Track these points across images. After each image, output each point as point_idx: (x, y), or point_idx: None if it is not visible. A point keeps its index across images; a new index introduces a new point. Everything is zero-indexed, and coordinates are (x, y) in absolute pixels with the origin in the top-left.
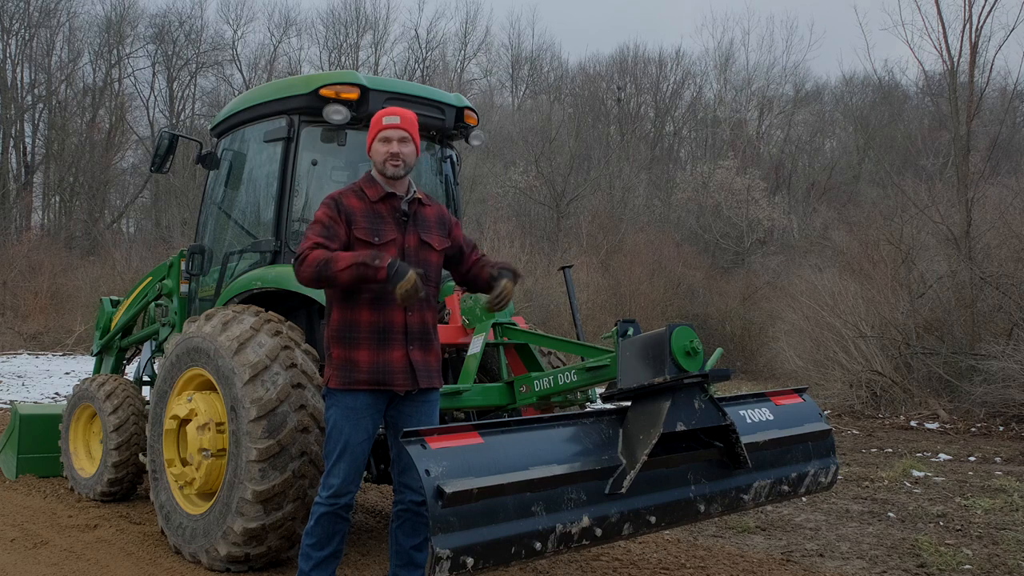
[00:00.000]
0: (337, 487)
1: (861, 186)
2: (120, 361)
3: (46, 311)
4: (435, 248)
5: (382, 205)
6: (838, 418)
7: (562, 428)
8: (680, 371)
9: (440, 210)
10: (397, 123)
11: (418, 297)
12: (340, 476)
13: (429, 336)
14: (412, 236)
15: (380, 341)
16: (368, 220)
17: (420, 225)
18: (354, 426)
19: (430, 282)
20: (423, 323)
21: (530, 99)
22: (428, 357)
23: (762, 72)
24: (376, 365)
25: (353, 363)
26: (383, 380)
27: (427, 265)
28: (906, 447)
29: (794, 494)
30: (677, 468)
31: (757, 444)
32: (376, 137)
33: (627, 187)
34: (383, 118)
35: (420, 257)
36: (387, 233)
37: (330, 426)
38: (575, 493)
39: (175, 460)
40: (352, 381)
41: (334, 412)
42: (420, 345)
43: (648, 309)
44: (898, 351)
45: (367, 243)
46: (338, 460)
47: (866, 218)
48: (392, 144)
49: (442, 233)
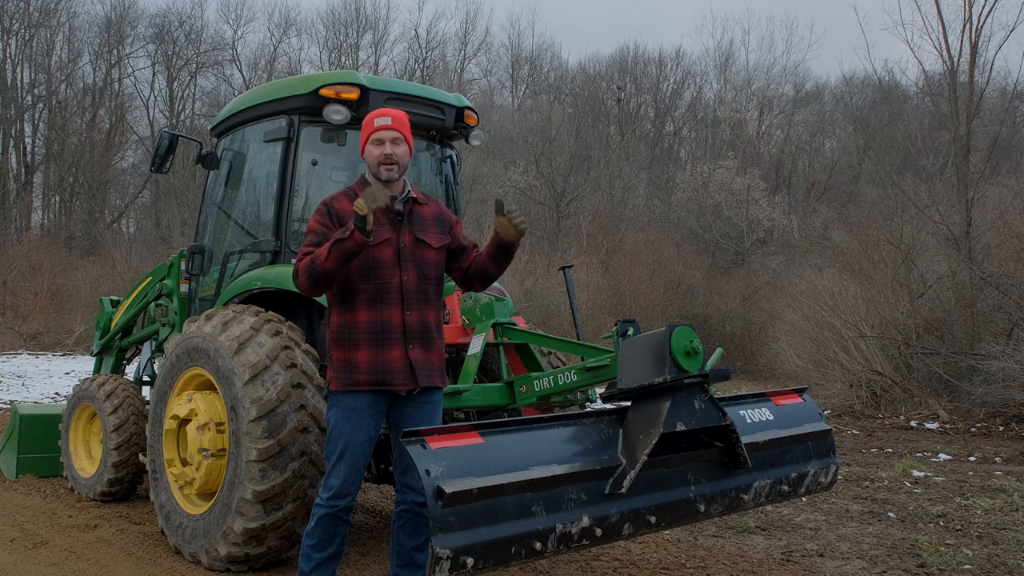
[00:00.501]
0: (337, 488)
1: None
2: (120, 361)
3: (46, 311)
4: (432, 246)
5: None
6: (838, 418)
7: (562, 428)
8: (680, 371)
9: (438, 208)
10: (389, 124)
11: (385, 198)
12: (340, 477)
13: (430, 335)
14: (407, 235)
15: (379, 341)
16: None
17: (416, 224)
18: (354, 427)
19: (429, 280)
20: (423, 322)
21: (530, 99)
22: (429, 356)
23: (762, 72)
24: (375, 365)
25: (352, 364)
26: (383, 380)
27: (425, 263)
28: (906, 447)
29: (794, 494)
30: (677, 468)
31: (757, 444)
32: (368, 139)
33: (627, 187)
34: (374, 119)
35: (417, 255)
36: (380, 233)
37: (330, 427)
38: (575, 493)
39: (175, 460)
40: (352, 382)
41: (334, 413)
42: (420, 344)
43: (648, 309)
44: (898, 351)
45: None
46: (338, 461)
47: (866, 218)
48: (385, 145)
49: (440, 231)
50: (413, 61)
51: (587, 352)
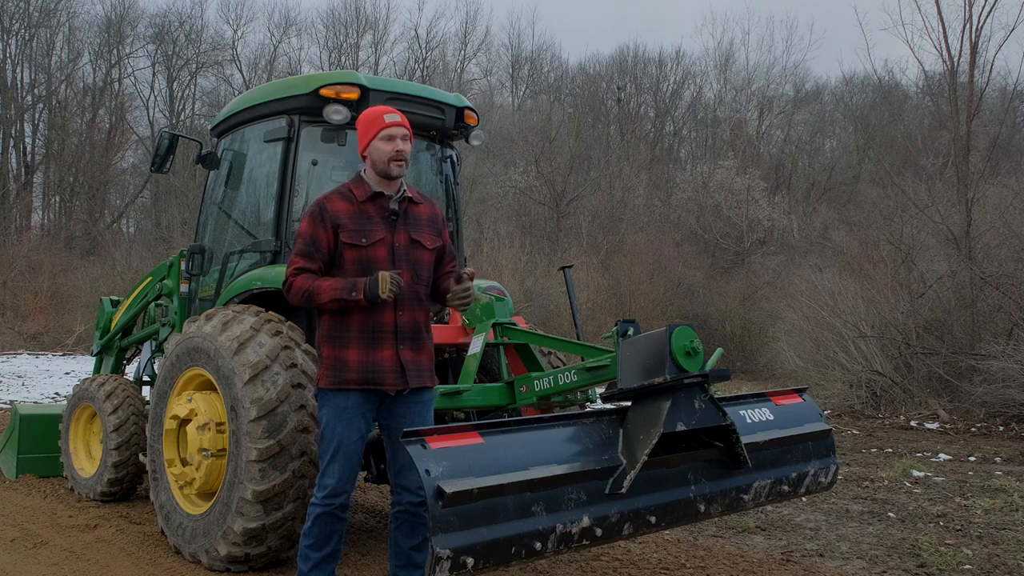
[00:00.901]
0: (332, 487)
1: (861, 186)
2: (120, 361)
3: (46, 311)
4: (426, 247)
5: (370, 205)
6: (838, 418)
7: (562, 428)
8: (680, 371)
9: (432, 209)
10: (399, 120)
11: (400, 284)
12: (335, 476)
13: (421, 335)
14: (402, 235)
15: (370, 341)
16: (355, 221)
17: (411, 224)
18: (346, 425)
19: (422, 281)
20: (414, 322)
21: (530, 99)
22: (419, 356)
23: (762, 72)
24: (366, 364)
25: (343, 363)
26: (373, 380)
27: (418, 264)
28: (906, 447)
29: (794, 494)
30: (677, 468)
31: (757, 444)
32: (378, 135)
33: (627, 187)
34: (383, 116)
35: (411, 256)
36: (375, 233)
37: (323, 426)
38: (575, 493)
39: (175, 460)
40: (342, 381)
41: (326, 412)
42: (411, 345)
43: (648, 309)
44: (898, 351)
45: (354, 246)
46: (332, 460)
47: (866, 218)
48: (396, 141)
49: (433, 232)
50: (413, 61)
51: (587, 352)
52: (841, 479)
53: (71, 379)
